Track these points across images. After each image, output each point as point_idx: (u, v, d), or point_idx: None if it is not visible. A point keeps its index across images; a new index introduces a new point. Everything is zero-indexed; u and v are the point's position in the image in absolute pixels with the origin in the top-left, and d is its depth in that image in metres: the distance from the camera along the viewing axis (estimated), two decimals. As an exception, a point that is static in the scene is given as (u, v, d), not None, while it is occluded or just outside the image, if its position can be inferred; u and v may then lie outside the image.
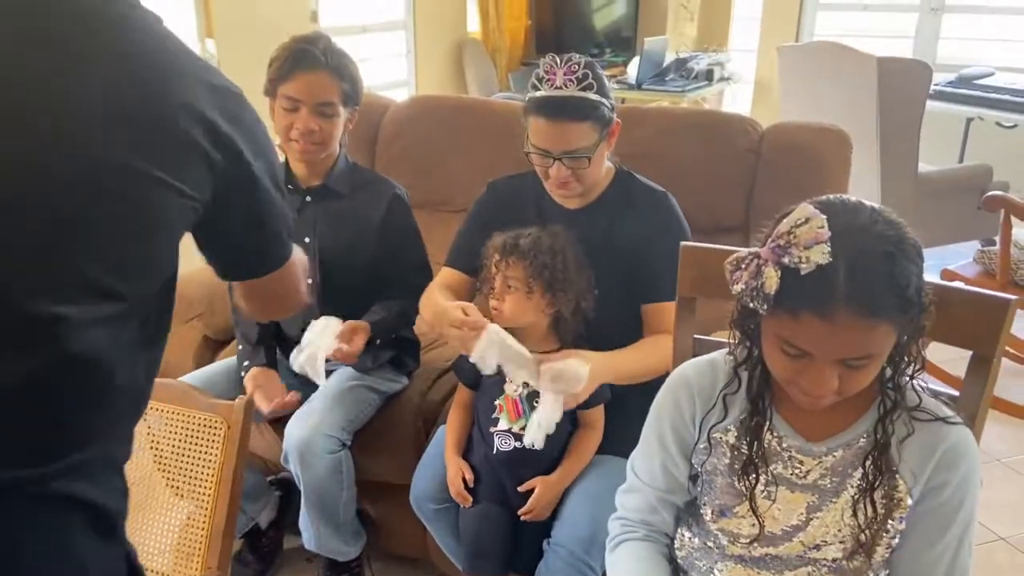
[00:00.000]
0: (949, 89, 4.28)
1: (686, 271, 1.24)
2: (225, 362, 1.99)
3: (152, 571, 1.50)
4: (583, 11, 6.03)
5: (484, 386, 1.65)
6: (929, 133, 3.73)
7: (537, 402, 1.57)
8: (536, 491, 1.57)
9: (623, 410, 1.66)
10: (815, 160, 2.19)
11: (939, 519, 1.00)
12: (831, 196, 0.96)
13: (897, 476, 1.00)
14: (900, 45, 5.18)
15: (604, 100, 1.62)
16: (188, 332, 2.18)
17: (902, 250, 0.91)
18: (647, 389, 1.75)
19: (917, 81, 3.53)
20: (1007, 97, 4.04)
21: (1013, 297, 1.02)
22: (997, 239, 2.89)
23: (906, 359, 0.98)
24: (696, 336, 1.25)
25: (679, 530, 1.18)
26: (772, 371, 1.01)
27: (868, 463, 1.00)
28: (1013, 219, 2.68)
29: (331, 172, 1.90)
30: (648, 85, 4.70)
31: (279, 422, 1.94)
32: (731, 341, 1.07)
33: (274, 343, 1.96)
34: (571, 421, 1.62)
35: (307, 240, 1.88)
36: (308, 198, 1.90)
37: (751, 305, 0.95)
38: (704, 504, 1.11)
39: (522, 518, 1.58)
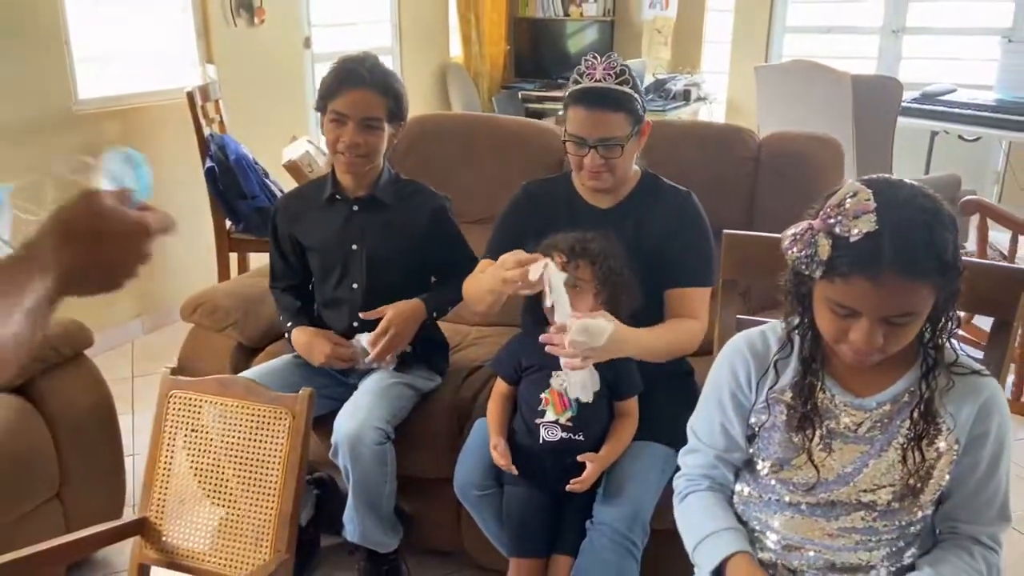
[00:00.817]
0: (914, 105, 4.51)
1: (730, 256, 1.38)
2: (279, 359, 2.08)
3: (224, 557, 1.57)
4: (559, 37, 6.22)
5: (528, 380, 1.75)
6: (896, 147, 3.94)
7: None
8: (589, 467, 1.66)
9: (653, 402, 1.78)
10: (812, 167, 2.35)
11: (987, 465, 1.13)
12: (875, 175, 1.09)
13: (941, 424, 1.13)
14: (864, 65, 5.43)
15: (638, 97, 1.76)
16: (223, 340, 2.25)
17: (939, 220, 1.05)
18: (674, 382, 1.89)
19: (889, 96, 3.74)
20: (969, 112, 4.27)
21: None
22: (966, 244, 3.08)
23: (943, 320, 1.11)
24: (739, 316, 1.37)
25: (737, 485, 1.29)
26: (823, 332, 1.14)
27: (915, 414, 1.12)
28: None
29: (377, 183, 2.02)
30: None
31: (320, 422, 2.02)
32: (784, 312, 1.19)
33: (311, 313, 2.11)
34: (608, 412, 1.74)
35: (354, 247, 2.01)
36: (355, 207, 2.02)
37: (805, 272, 1.08)
38: (762, 459, 1.23)
39: (568, 488, 1.67)
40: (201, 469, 1.63)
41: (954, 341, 1.13)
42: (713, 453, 1.29)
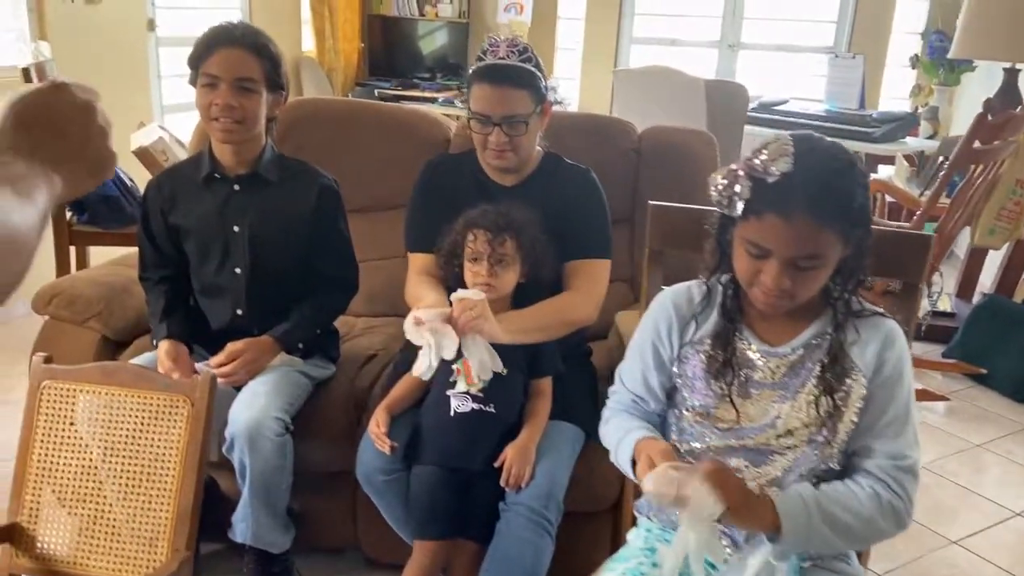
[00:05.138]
0: (752, 114, 4.82)
1: (656, 227, 1.41)
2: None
3: (113, 561, 1.42)
4: (413, 37, 6.18)
5: None
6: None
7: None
8: (508, 457, 1.63)
9: (560, 382, 1.79)
10: (689, 158, 2.45)
11: (886, 391, 1.19)
12: (798, 131, 1.16)
13: (850, 369, 1.19)
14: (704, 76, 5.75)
15: (541, 75, 1.78)
16: (85, 334, 2.05)
17: (851, 172, 1.13)
18: (575, 364, 1.91)
19: (737, 102, 3.98)
20: (802, 120, 4.61)
21: (933, 234, 1.26)
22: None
23: (852, 276, 1.19)
24: (663, 287, 1.40)
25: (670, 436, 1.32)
26: (738, 274, 1.20)
27: (825, 361, 1.19)
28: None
29: (259, 159, 1.90)
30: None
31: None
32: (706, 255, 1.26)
33: (182, 316, 1.92)
34: (522, 389, 1.73)
35: (236, 229, 1.87)
36: (236, 187, 1.89)
37: (726, 211, 1.15)
38: (687, 409, 1.27)
39: (508, 487, 1.63)
40: (85, 466, 1.47)
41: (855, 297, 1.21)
42: (630, 398, 1.34)
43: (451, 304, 1.64)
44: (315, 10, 5.51)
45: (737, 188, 1.12)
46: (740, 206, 1.12)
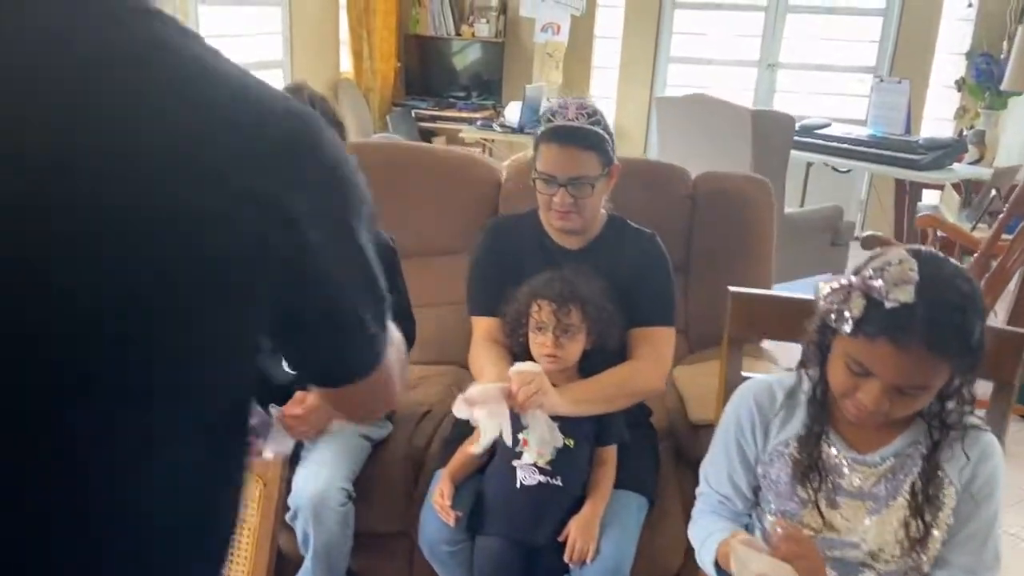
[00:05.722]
0: (794, 138, 4.76)
1: (737, 314, 1.38)
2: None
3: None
4: (448, 56, 6.18)
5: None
6: (778, 177, 4.13)
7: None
8: (571, 533, 1.62)
9: (624, 448, 1.77)
10: (745, 205, 2.42)
11: (972, 504, 1.16)
12: (921, 247, 1.12)
13: (943, 480, 1.16)
14: (742, 97, 5.69)
15: (609, 138, 1.76)
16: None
17: (974, 306, 1.09)
18: (644, 424, 1.89)
19: (784, 130, 3.93)
20: (846, 146, 4.54)
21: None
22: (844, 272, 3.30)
23: (955, 399, 1.15)
24: (744, 373, 1.38)
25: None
26: (832, 384, 1.17)
27: (916, 480, 1.16)
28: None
29: None
30: (529, 128, 4.89)
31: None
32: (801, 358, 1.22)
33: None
34: (589, 459, 1.71)
35: None
36: None
37: (833, 325, 1.11)
38: (770, 512, 1.24)
39: (571, 562, 1.62)
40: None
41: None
42: (716, 499, 1.31)
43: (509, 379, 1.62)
44: (353, 31, 5.53)
45: (850, 305, 1.08)
46: (850, 325, 1.08)
